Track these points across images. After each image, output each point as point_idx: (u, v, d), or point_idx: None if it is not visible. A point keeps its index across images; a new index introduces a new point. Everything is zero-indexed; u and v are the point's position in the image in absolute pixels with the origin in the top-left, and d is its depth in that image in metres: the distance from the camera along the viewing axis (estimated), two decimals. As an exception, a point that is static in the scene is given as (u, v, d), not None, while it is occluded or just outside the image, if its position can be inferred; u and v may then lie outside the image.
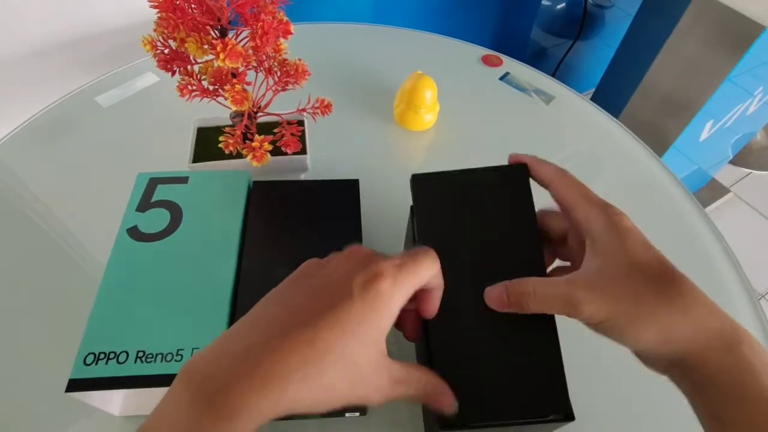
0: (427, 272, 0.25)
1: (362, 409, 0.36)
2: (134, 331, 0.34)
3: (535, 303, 0.27)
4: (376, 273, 0.23)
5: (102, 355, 0.32)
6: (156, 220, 0.40)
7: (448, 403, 0.26)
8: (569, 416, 0.29)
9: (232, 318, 0.36)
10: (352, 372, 0.22)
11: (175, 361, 0.33)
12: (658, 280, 0.25)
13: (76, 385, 0.31)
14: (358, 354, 0.22)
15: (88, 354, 0.32)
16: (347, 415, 0.37)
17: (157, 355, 0.33)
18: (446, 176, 0.32)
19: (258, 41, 0.38)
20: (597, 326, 0.26)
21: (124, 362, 0.32)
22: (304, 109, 0.46)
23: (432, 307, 0.28)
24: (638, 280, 0.25)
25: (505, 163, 0.32)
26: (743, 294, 0.48)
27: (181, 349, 0.33)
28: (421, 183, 0.33)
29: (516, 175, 0.31)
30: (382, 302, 0.23)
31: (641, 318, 0.24)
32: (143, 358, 0.33)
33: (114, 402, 0.35)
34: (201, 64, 0.41)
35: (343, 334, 0.22)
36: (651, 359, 0.26)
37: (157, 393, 0.32)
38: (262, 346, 0.21)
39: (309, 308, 0.22)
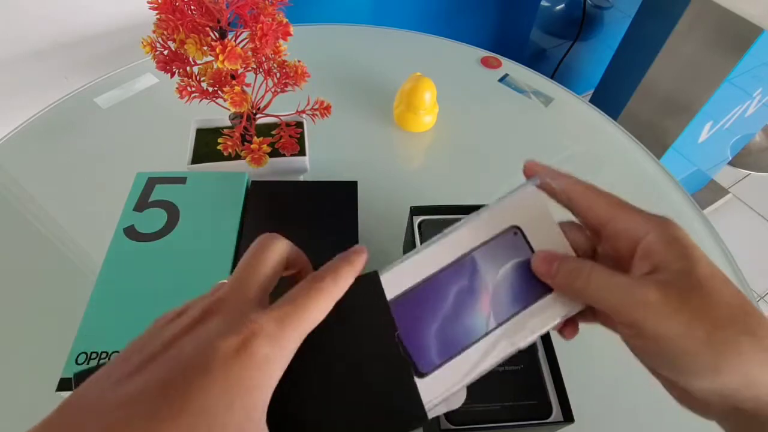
0: (319, 312, 0.20)
1: None
2: (127, 331, 0.33)
3: (589, 285, 0.21)
4: (248, 333, 0.18)
5: (94, 355, 0.32)
6: (153, 219, 0.40)
7: None
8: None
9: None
10: None
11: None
12: (740, 311, 0.19)
13: (67, 384, 0.31)
14: None
15: (80, 353, 0.33)
16: None
17: None
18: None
19: (257, 43, 0.38)
20: (656, 345, 0.19)
21: None
22: (303, 111, 0.46)
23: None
24: (715, 304, 0.19)
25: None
26: (741, 295, 0.48)
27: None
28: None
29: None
30: (259, 371, 0.17)
31: (722, 348, 0.18)
32: None
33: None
34: (200, 66, 0.41)
35: (206, 427, 0.16)
36: (711, 404, 0.20)
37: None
38: None
39: (154, 392, 0.17)
